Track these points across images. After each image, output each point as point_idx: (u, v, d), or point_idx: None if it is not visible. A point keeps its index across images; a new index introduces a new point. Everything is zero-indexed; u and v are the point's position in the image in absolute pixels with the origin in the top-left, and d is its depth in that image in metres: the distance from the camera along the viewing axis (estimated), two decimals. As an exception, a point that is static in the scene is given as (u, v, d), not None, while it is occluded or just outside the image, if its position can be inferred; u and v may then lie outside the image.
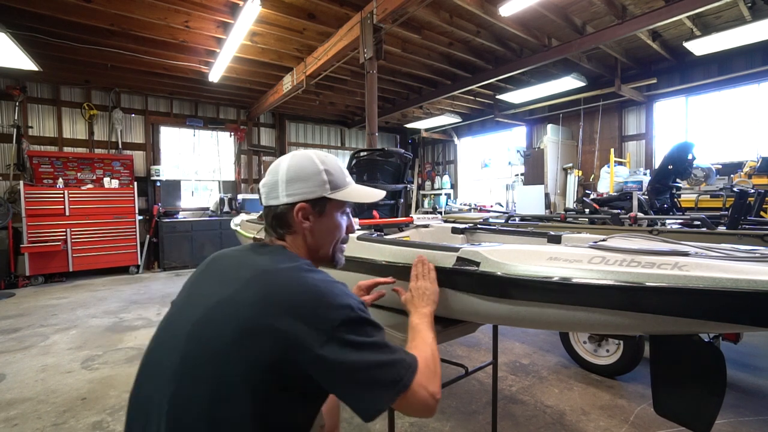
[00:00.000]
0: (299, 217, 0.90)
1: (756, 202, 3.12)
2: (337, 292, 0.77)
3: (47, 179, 6.19)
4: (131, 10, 4.10)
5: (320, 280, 0.78)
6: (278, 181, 0.90)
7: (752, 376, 2.70)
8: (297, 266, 0.81)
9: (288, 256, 0.86)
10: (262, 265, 0.81)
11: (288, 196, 0.89)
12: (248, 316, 0.71)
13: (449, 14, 4.53)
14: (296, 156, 0.93)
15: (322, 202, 0.92)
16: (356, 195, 0.97)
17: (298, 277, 0.78)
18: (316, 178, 0.90)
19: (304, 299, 0.73)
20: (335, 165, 0.96)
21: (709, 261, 0.84)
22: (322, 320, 0.71)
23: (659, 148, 6.39)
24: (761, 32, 4.15)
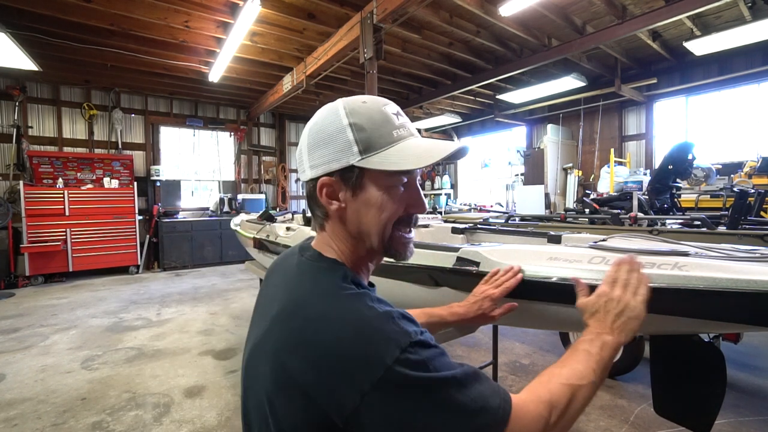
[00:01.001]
0: (324, 197, 0.64)
1: (756, 202, 3.12)
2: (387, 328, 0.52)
3: (47, 179, 6.20)
4: (131, 10, 4.10)
5: (358, 314, 0.54)
6: (302, 148, 0.68)
7: (752, 376, 2.70)
8: (329, 289, 0.59)
9: (321, 268, 0.64)
10: (291, 291, 0.62)
11: (311, 169, 0.65)
12: (267, 371, 0.55)
13: (449, 14, 4.53)
14: (323, 109, 0.67)
15: (352, 172, 0.63)
16: (402, 157, 0.62)
17: (327, 308, 0.55)
18: (339, 139, 0.62)
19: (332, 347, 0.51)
20: (370, 114, 0.63)
21: (709, 261, 0.84)
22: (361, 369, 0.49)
23: (659, 148, 6.39)
24: (761, 32, 4.15)
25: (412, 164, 0.62)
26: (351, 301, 0.56)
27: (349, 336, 0.51)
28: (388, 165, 0.61)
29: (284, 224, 2.53)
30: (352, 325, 0.52)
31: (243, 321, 4.06)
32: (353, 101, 0.65)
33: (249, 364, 0.61)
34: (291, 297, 0.60)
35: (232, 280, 6.18)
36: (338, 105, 0.65)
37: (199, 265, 7.23)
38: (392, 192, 0.65)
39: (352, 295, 0.57)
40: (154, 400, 2.48)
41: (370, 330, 0.51)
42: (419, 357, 0.49)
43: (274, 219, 2.97)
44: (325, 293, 0.59)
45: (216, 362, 3.05)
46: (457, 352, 3.19)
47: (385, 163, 0.61)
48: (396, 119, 0.65)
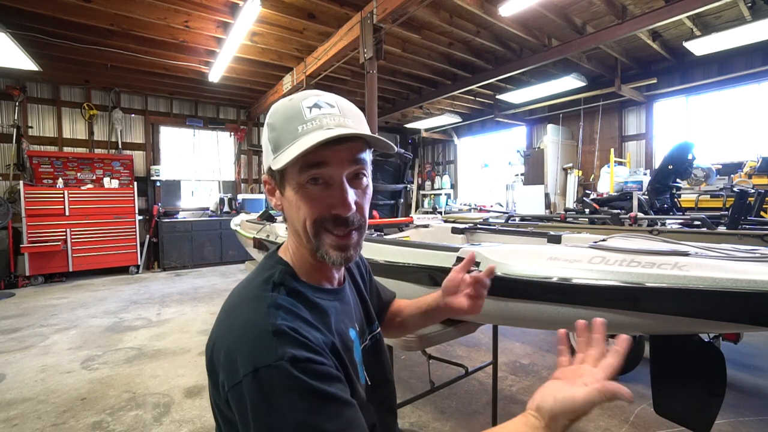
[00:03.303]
0: (266, 193, 0.70)
1: (756, 202, 3.12)
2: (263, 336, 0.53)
3: (47, 179, 6.19)
4: (131, 10, 4.10)
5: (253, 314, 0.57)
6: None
7: (752, 376, 2.70)
8: (249, 283, 0.67)
9: (262, 266, 0.71)
10: (238, 284, 0.71)
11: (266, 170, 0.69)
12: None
13: (449, 14, 4.53)
14: None
15: (273, 172, 0.64)
16: (292, 152, 0.59)
17: (236, 304, 0.63)
18: (264, 138, 0.67)
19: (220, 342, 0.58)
20: (284, 111, 0.63)
21: (709, 261, 0.84)
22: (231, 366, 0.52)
23: (659, 148, 6.39)
24: (761, 32, 4.15)
25: (285, 157, 0.59)
26: (247, 305, 0.60)
27: (230, 337, 0.56)
28: (278, 163, 0.61)
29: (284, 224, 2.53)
30: (236, 328, 0.57)
31: (243, 321, 4.06)
32: (285, 99, 0.66)
33: None
34: (232, 294, 0.68)
35: (232, 280, 6.17)
36: (277, 102, 0.67)
37: (199, 265, 7.23)
38: (305, 190, 0.62)
39: (253, 299, 0.61)
40: (154, 400, 2.48)
41: (243, 338, 0.54)
42: (265, 384, 0.49)
43: (274, 219, 2.97)
44: (241, 289, 0.66)
45: (216, 362, 3.05)
46: (458, 352, 3.19)
47: (278, 161, 0.61)
48: (307, 113, 0.62)
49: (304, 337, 0.54)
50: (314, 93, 0.66)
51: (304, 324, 0.57)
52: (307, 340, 0.54)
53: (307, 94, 0.65)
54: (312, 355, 0.52)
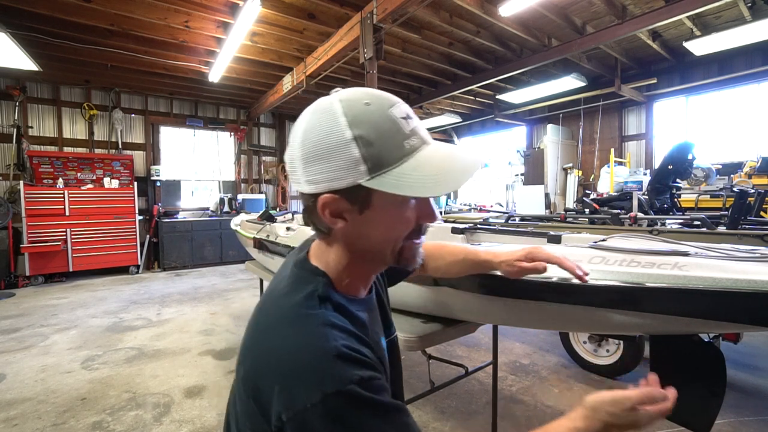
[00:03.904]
0: (327, 216, 0.57)
1: (756, 202, 3.12)
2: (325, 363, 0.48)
3: (47, 179, 6.19)
4: (131, 10, 4.10)
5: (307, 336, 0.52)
6: (294, 157, 0.57)
7: (752, 376, 2.70)
8: (287, 298, 0.58)
9: (298, 278, 0.61)
10: (268, 293, 0.63)
11: (309, 184, 0.56)
12: (240, 370, 0.56)
13: (449, 14, 4.53)
14: (316, 110, 0.57)
15: (359, 190, 0.55)
16: (419, 178, 0.54)
17: (279, 324, 0.55)
18: (342, 155, 0.53)
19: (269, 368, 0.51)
20: (376, 123, 0.54)
21: (709, 261, 0.84)
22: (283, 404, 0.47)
23: (659, 148, 6.39)
24: (761, 32, 4.16)
25: (432, 190, 0.54)
26: (295, 325, 0.53)
27: (284, 363, 0.49)
28: (403, 188, 0.53)
29: (284, 224, 2.53)
30: (289, 353, 0.50)
31: (243, 321, 4.06)
32: (353, 102, 0.55)
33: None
34: (263, 301, 0.62)
35: (232, 280, 6.17)
36: (335, 108, 0.54)
37: (199, 265, 7.23)
38: (404, 207, 0.58)
39: (303, 318, 0.54)
40: (154, 400, 2.48)
41: (301, 364, 0.49)
42: (336, 410, 0.46)
43: (274, 219, 2.97)
44: (283, 307, 0.57)
45: (216, 362, 3.05)
46: (458, 352, 3.19)
47: (401, 186, 0.53)
48: (406, 125, 0.56)
49: (363, 355, 0.51)
50: (389, 99, 0.58)
51: (356, 341, 0.53)
52: (366, 357, 0.52)
53: (383, 100, 0.57)
54: (373, 372, 0.50)
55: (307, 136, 0.55)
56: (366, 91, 0.58)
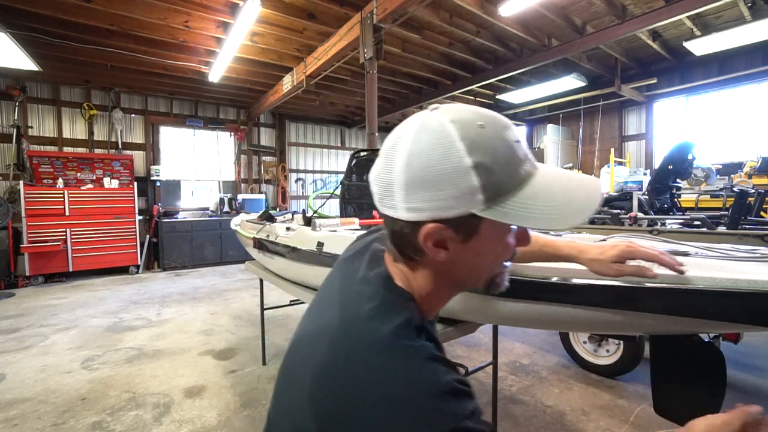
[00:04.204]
0: (429, 245, 0.52)
1: (756, 202, 3.12)
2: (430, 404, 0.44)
3: (47, 179, 6.19)
4: (131, 10, 4.10)
5: (418, 375, 0.46)
6: (393, 181, 0.51)
7: (752, 376, 2.70)
8: (377, 325, 0.50)
9: (386, 301, 0.54)
10: (345, 315, 0.54)
11: (411, 211, 0.51)
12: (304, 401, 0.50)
13: (449, 14, 4.53)
14: (424, 132, 0.50)
15: (469, 220, 0.51)
16: (543, 210, 0.51)
17: (375, 356, 0.48)
18: (458, 183, 0.48)
19: (386, 403, 0.44)
20: (494, 147, 0.50)
21: (709, 261, 0.84)
22: None
23: (659, 148, 6.39)
24: (761, 32, 4.16)
25: (560, 222, 0.51)
26: (404, 359, 0.47)
27: (390, 402, 0.44)
28: (525, 219, 0.50)
29: (284, 224, 2.53)
30: (394, 390, 0.45)
31: (243, 321, 4.06)
32: (468, 125, 0.49)
33: (285, 370, 0.57)
34: (338, 322, 0.53)
35: (232, 280, 6.17)
36: (450, 131, 0.49)
37: (199, 265, 7.23)
38: (509, 234, 0.56)
39: (406, 350, 0.48)
40: (154, 400, 2.48)
41: (412, 403, 0.44)
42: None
43: (274, 219, 2.97)
44: (377, 336, 0.49)
45: (216, 362, 3.05)
46: (457, 352, 3.19)
47: (522, 216, 0.50)
48: (520, 148, 0.52)
49: (467, 386, 0.48)
50: (502, 121, 0.53)
51: (455, 372, 0.49)
52: (469, 388, 0.49)
53: (497, 121, 0.52)
54: (476, 402, 0.48)
55: (414, 160, 0.49)
56: (474, 111, 0.52)
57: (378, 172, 0.54)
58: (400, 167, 0.50)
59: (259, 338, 3.06)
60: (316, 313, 0.61)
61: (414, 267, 0.57)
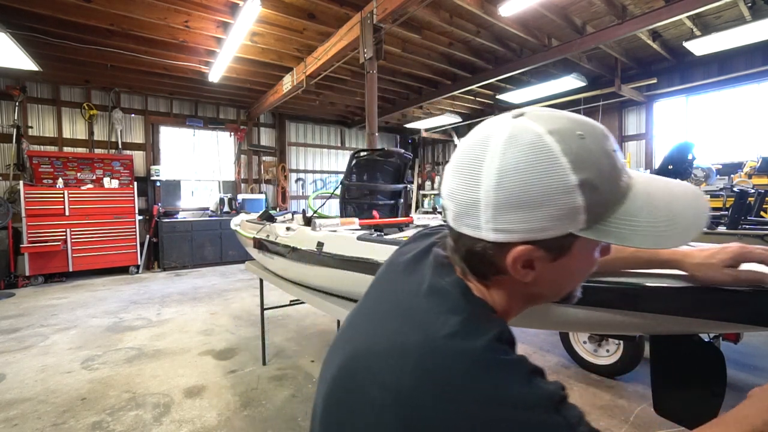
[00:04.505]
0: (517, 267, 0.48)
1: (756, 202, 3.12)
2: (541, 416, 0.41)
3: (47, 179, 6.19)
4: (131, 10, 4.10)
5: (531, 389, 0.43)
6: (479, 200, 0.46)
7: (752, 376, 2.70)
8: (484, 351, 0.45)
9: (475, 315, 0.50)
10: (413, 340, 0.48)
11: (497, 232, 0.47)
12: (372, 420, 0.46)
13: (449, 14, 4.53)
14: (517, 145, 0.45)
15: (564, 239, 0.47)
16: (647, 225, 0.47)
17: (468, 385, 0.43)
18: (558, 203, 0.44)
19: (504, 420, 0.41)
20: (598, 161, 0.45)
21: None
22: None
23: (659, 148, 6.39)
24: (761, 32, 4.15)
25: (674, 240, 0.47)
26: (507, 376, 0.44)
27: (504, 416, 0.41)
28: (632, 239, 0.46)
29: (284, 224, 2.53)
30: (512, 404, 0.42)
31: (243, 321, 4.06)
32: (568, 136, 0.44)
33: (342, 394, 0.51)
34: (428, 343, 0.47)
35: (232, 280, 6.18)
36: (550, 144, 0.44)
37: (199, 265, 7.23)
38: (598, 248, 0.52)
39: (510, 364, 0.45)
40: (154, 400, 2.48)
41: (534, 416, 0.41)
42: None
43: (274, 219, 2.97)
44: (471, 352, 0.45)
45: (216, 362, 3.05)
46: (457, 352, 3.18)
47: (628, 236, 0.46)
48: (618, 158, 0.47)
49: (566, 391, 0.46)
50: (600, 129, 0.48)
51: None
52: (566, 392, 0.47)
53: (596, 129, 0.47)
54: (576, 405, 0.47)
55: (508, 178, 0.44)
56: (569, 118, 0.47)
57: (454, 188, 0.49)
58: (489, 185, 0.45)
59: (259, 338, 3.06)
60: (376, 327, 0.55)
61: (489, 285, 0.53)
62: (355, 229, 2.15)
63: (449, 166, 0.51)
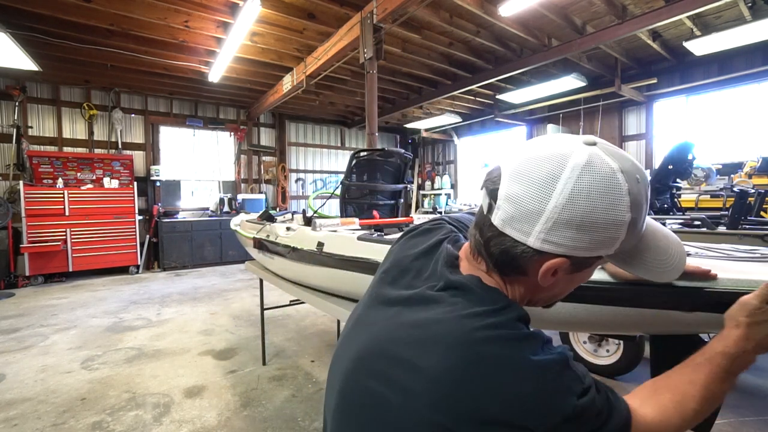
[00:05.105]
0: (546, 275, 0.54)
1: (756, 202, 3.12)
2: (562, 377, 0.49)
3: (47, 179, 6.19)
4: (131, 10, 4.10)
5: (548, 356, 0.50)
6: (542, 212, 0.50)
7: (752, 376, 2.69)
8: (505, 326, 0.52)
9: (488, 299, 0.55)
10: (440, 326, 0.53)
11: (546, 243, 0.51)
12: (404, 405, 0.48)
13: (449, 14, 4.53)
14: (593, 173, 0.49)
15: (591, 259, 0.54)
16: (655, 261, 0.59)
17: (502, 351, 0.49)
18: (608, 232, 0.50)
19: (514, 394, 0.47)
20: (642, 202, 0.52)
21: (709, 261, 0.84)
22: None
23: (659, 148, 6.39)
24: (761, 32, 4.15)
25: (669, 275, 0.60)
26: (530, 343, 0.51)
27: (531, 379, 0.47)
28: (639, 269, 0.58)
29: (284, 224, 2.53)
30: (538, 368, 0.48)
31: (243, 321, 4.06)
32: (632, 177, 0.50)
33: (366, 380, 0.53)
34: (458, 325, 0.51)
35: (232, 280, 6.17)
36: (620, 182, 0.49)
37: (199, 265, 7.23)
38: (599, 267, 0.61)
39: (529, 337, 0.52)
40: (154, 400, 2.48)
41: (558, 375, 0.49)
42: (593, 400, 0.50)
43: (274, 219, 2.97)
44: (494, 327, 0.51)
45: (216, 362, 3.05)
46: (457, 352, 3.18)
47: (639, 267, 0.58)
48: (648, 202, 0.55)
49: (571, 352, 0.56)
50: (642, 169, 0.54)
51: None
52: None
53: (642, 172, 0.53)
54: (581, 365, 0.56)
55: (578, 201, 0.49)
56: (632, 161, 0.52)
57: (518, 193, 0.52)
58: (560, 202, 0.49)
59: (259, 338, 3.06)
60: (394, 318, 0.58)
61: (506, 279, 0.59)
62: (355, 229, 2.15)
63: (511, 169, 0.54)
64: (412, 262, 0.68)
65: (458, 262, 0.63)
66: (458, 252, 0.66)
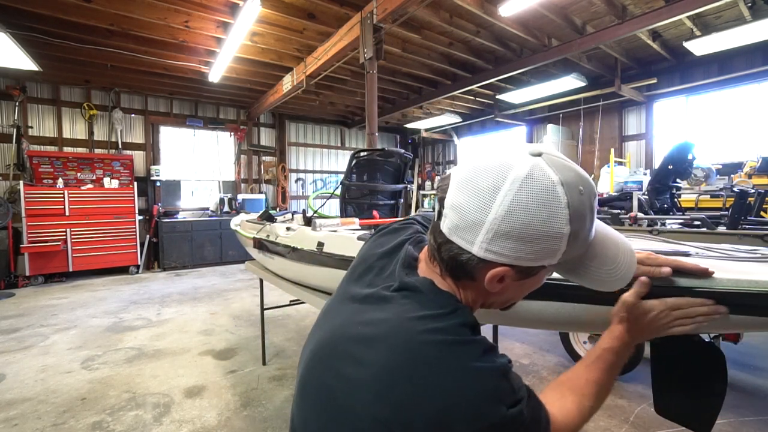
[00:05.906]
0: (492, 282, 0.56)
1: (756, 202, 3.12)
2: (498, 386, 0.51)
3: (47, 179, 6.19)
4: (131, 10, 4.10)
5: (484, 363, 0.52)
6: (483, 222, 0.51)
7: (752, 376, 2.70)
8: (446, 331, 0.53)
9: (436, 303, 0.57)
10: (388, 325, 0.55)
11: (488, 252, 0.53)
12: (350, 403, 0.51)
13: (449, 14, 4.53)
14: (533, 186, 0.50)
15: (536, 268, 0.56)
16: (599, 271, 0.60)
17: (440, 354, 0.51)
18: (548, 244, 0.52)
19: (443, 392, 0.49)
20: (584, 214, 0.53)
21: (709, 261, 0.84)
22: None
23: (659, 148, 6.39)
24: (761, 32, 4.15)
25: (613, 285, 0.61)
26: (469, 350, 0.53)
27: (468, 385, 0.49)
28: (583, 279, 0.60)
29: (284, 224, 2.53)
30: (475, 375, 0.50)
31: (243, 321, 4.06)
32: (574, 190, 0.51)
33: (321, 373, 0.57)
34: (403, 326, 0.54)
35: (232, 280, 6.17)
36: (560, 195, 0.50)
37: (199, 265, 7.23)
38: (549, 274, 0.61)
39: (471, 344, 0.53)
40: (154, 400, 2.48)
41: (491, 383, 0.50)
42: (531, 411, 0.53)
43: (274, 219, 2.97)
44: (440, 332, 0.53)
45: (216, 362, 3.05)
46: (457, 352, 3.18)
47: (584, 277, 0.60)
48: (595, 212, 0.56)
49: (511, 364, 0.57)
50: (591, 183, 0.54)
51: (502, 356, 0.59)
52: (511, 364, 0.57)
53: (591, 185, 0.54)
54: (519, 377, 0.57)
55: (515, 213, 0.50)
56: (576, 172, 0.53)
57: (462, 203, 0.53)
58: (499, 214, 0.50)
59: (259, 338, 3.06)
60: (350, 314, 0.61)
61: (458, 284, 0.61)
62: (355, 229, 2.15)
63: (458, 178, 0.55)
64: (376, 260, 0.71)
65: (417, 263, 0.66)
66: (419, 253, 0.67)
